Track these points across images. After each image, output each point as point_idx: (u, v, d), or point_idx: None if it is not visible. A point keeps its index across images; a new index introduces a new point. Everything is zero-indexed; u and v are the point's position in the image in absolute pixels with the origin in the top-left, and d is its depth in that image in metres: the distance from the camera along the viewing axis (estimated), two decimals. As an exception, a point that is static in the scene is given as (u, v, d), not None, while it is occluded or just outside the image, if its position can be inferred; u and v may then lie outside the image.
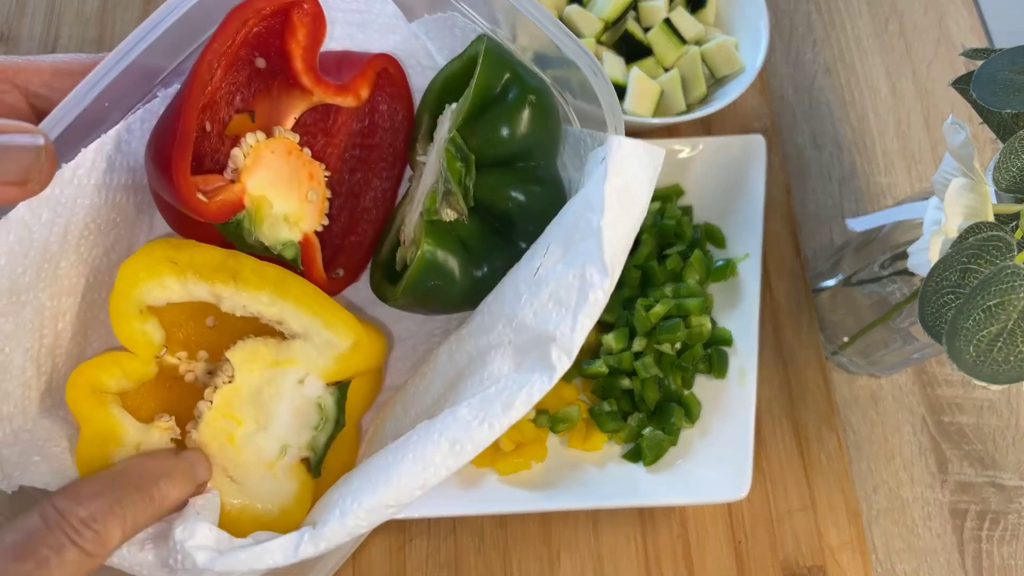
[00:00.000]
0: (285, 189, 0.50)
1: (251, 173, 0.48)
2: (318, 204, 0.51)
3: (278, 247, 0.49)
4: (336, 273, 0.55)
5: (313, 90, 0.50)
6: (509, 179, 0.51)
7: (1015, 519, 0.72)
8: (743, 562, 0.67)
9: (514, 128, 0.51)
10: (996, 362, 0.45)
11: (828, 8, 0.92)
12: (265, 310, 0.47)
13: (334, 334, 0.48)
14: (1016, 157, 0.48)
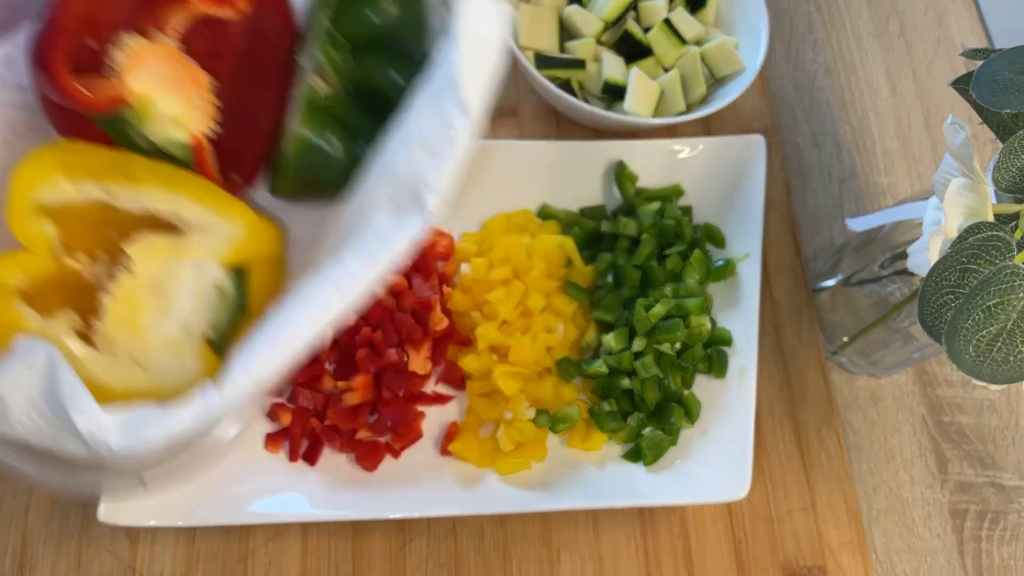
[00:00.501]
0: (169, 91, 0.52)
1: (132, 72, 0.50)
2: (205, 109, 0.53)
3: (167, 145, 0.51)
4: (232, 177, 0.57)
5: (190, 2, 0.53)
6: (384, 59, 0.55)
7: (1015, 519, 0.72)
8: (743, 562, 0.67)
9: (380, 10, 0.55)
10: (996, 362, 0.45)
11: (828, 8, 0.92)
12: (160, 205, 0.49)
13: (229, 223, 0.51)
14: (1016, 157, 0.48)
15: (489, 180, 0.73)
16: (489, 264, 0.69)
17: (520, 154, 0.73)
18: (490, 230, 0.72)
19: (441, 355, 0.68)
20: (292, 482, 0.62)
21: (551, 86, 0.72)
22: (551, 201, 0.74)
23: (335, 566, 0.63)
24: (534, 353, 0.66)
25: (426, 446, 0.66)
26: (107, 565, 0.62)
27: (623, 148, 0.74)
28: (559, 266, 0.71)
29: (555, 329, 0.68)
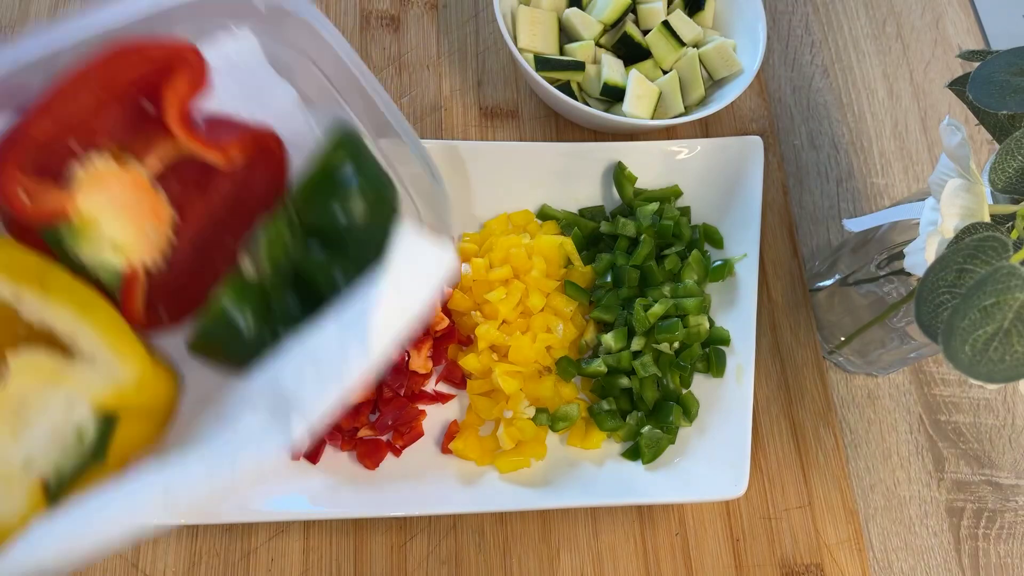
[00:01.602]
0: (120, 218, 0.50)
1: (86, 191, 0.48)
2: (156, 242, 0.51)
3: (97, 269, 0.49)
4: (159, 312, 0.54)
5: (180, 138, 0.51)
6: (334, 259, 0.52)
7: (1011, 517, 0.72)
8: (741, 560, 0.67)
9: (346, 211, 0.51)
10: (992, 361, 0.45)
11: (826, 10, 0.92)
12: (60, 325, 0.46)
13: (120, 365, 0.47)
14: (1012, 158, 0.48)
15: (489, 180, 0.73)
16: (489, 264, 0.69)
17: (520, 155, 0.74)
18: (490, 230, 0.72)
19: (442, 354, 0.68)
20: (294, 480, 0.63)
21: (550, 88, 0.72)
22: (551, 201, 0.75)
23: (336, 564, 0.64)
24: (534, 352, 0.67)
25: (427, 444, 0.66)
26: (110, 562, 0.62)
27: (622, 149, 0.74)
28: (559, 266, 0.71)
29: (555, 329, 0.68)
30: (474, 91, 0.81)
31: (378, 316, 0.45)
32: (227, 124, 0.55)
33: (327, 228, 0.52)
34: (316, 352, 0.46)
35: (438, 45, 0.83)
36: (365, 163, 0.53)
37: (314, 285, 0.51)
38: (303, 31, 0.52)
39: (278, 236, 0.51)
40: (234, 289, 0.51)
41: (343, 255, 0.52)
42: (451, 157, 0.73)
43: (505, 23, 0.74)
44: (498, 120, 0.80)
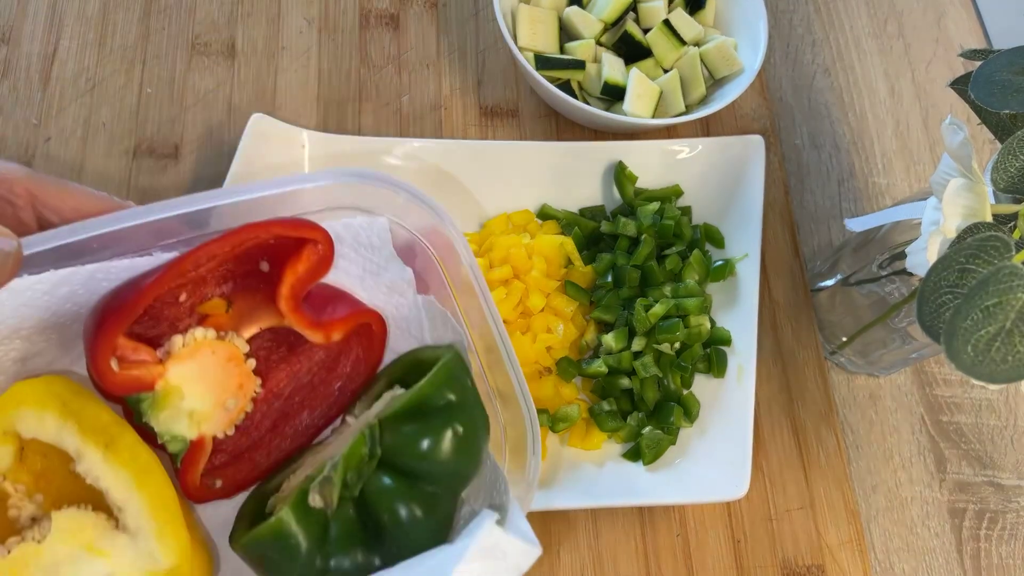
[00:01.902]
0: (205, 389, 0.49)
1: (179, 363, 0.47)
2: (233, 414, 0.50)
3: (167, 437, 0.48)
4: (213, 483, 0.53)
5: (287, 316, 0.50)
6: (403, 492, 0.50)
7: (1013, 518, 0.72)
8: (742, 561, 0.67)
9: (432, 448, 0.49)
10: (994, 362, 0.45)
11: (827, 9, 0.92)
12: (115, 491, 0.45)
13: (160, 548, 0.46)
14: (1014, 157, 0.48)
15: (489, 180, 0.73)
16: (489, 264, 0.69)
17: (520, 154, 0.73)
18: (490, 230, 0.72)
19: (441, 355, 0.68)
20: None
21: (551, 87, 0.72)
22: (551, 201, 0.74)
23: (336, 565, 0.63)
24: (534, 353, 0.67)
25: (426, 445, 0.66)
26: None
27: (622, 148, 0.74)
28: (559, 266, 0.71)
29: (555, 329, 0.68)
30: (474, 90, 0.81)
31: None
32: (338, 298, 0.54)
33: (405, 457, 0.49)
34: None
35: (438, 44, 0.82)
36: (466, 401, 0.51)
37: (376, 513, 0.49)
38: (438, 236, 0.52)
39: (355, 453, 0.49)
40: (296, 508, 0.48)
41: (414, 490, 0.50)
42: (451, 157, 0.73)
43: (505, 22, 0.74)
44: (498, 119, 0.80)
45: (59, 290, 0.45)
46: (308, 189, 0.49)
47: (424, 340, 0.56)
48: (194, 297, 0.50)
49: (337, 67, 0.80)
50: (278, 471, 0.54)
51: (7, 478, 0.46)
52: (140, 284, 0.45)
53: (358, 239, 0.52)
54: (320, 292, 0.53)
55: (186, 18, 0.81)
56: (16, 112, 0.75)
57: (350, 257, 0.53)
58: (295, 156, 0.71)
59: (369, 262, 0.54)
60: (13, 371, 0.48)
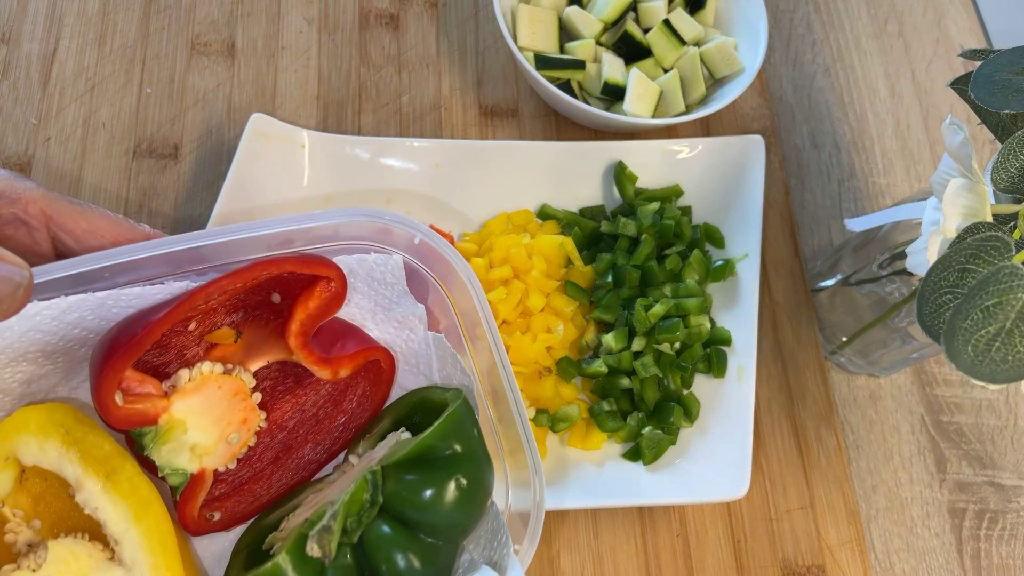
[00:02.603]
0: (209, 423, 0.49)
1: (185, 397, 0.47)
2: (235, 448, 0.50)
3: (167, 471, 0.48)
4: (211, 515, 0.52)
5: (295, 352, 0.50)
6: (402, 542, 0.49)
7: (1013, 518, 0.72)
8: (742, 561, 0.67)
9: (434, 499, 0.48)
10: (994, 362, 0.45)
11: (827, 9, 0.92)
12: (113, 523, 0.45)
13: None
14: (1014, 157, 0.48)
15: (489, 180, 0.73)
16: (489, 264, 0.69)
17: (520, 154, 0.73)
18: (490, 230, 0.72)
19: (441, 355, 0.68)
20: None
21: (551, 87, 0.72)
22: (551, 201, 0.74)
23: (336, 565, 0.63)
24: (534, 353, 0.67)
25: (426, 445, 0.66)
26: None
27: (622, 148, 0.74)
28: (559, 266, 0.71)
29: (555, 329, 0.68)
30: (474, 90, 0.81)
31: None
32: (348, 333, 0.54)
33: (406, 505, 0.49)
34: None
35: (438, 44, 0.82)
36: (472, 451, 0.50)
37: (374, 561, 0.48)
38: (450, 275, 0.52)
39: (356, 499, 0.48)
40: (295, 556, 0.47)
41: (414, 540, 0.49)
42: (451, 156, 0.73)
43: (505, 21, 0.74)
44: (498, 119, 0.80)
45: (68, 316, 0.45)
46: (323, 225, 0.49)
47: (432, 378, 0.56)
48: (203, 326, 0.49)
49: (337, 67, 0.80)
50: (278, 505, 0.54)
51: (6, 503, 0.46)
52: (149, 318, 0.45)
53: (372, 275, 0.52)
54: (330, 327, 0.53)
55: (186, 18, 0.81)
56: (16, 112, 0.75)
57: (363, 291, 0.53)
58: (295, 156, 0.71)
59: (382, 296, 0.54)
60: (18, 393, 0.48)
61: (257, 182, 0.69)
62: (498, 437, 0.54)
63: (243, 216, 0.68)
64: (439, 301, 0.53)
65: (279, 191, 0.70)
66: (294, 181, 0.71)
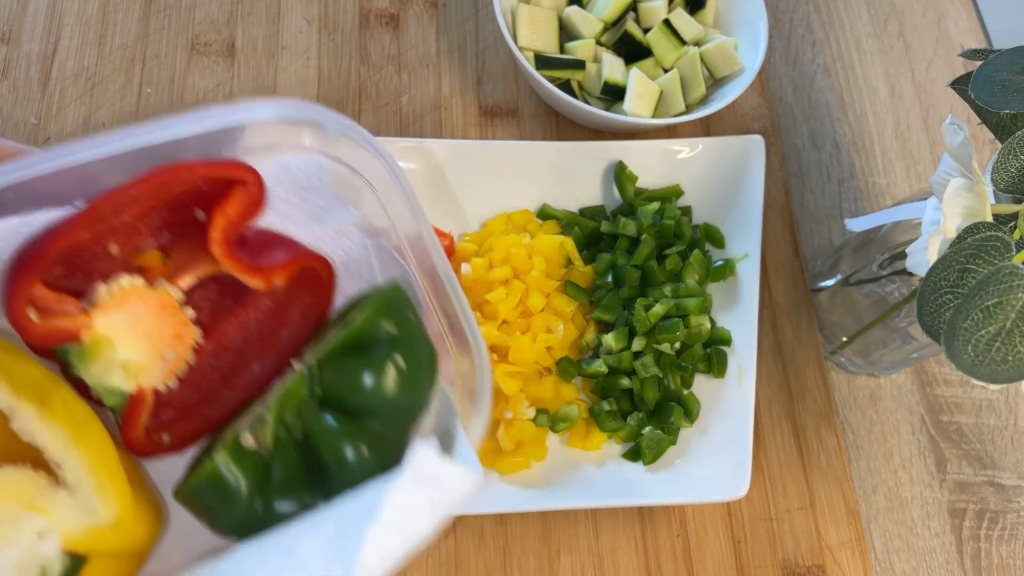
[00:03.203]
0: (138, 339, 0.48)
1: (107, 312, 0.46)
2: (172, 365, 0.49)
3: (101, 390, 0.47)
4: (161, 437, 0.52)
5: (221, 261, 0.49)
6: (348, 432, 0.48)
7: (1014, 518, 0.72)
8: (743, 561, 0.67)
9: (374, 384, 0.48)
10: (994, 362, 0.45)
11: (827, 8, 0.92)
12: (52, 450, 0.44)
13: (101, 503, 0.45)
14: (1014, 157, 0.48)
15: (489, 180, 0.73)
16: (489, 264, 0.69)
17: (520, 154, 0.73)
18: (490, 230, 0.72)
19: (441, 355, 0.67)
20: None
21: (551, 87, 0.72)
22: (551, 201, 0.74)
23: (336, 565, 0.63)
24: (534, 353, 0.67)
25: (426, 446, 0.66)
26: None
27: (623, 148, 0.74)
28: (559, 266, 0.71)
29: (555, 329, 0.68)
30: (474, 90, 0.81)
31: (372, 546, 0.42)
32: (276, 244, 0.53)
33: (348, 395, 0.48)
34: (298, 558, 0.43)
35: (438, 43, 0.82)
36: (408, 333, 0.49)
37: (320, 456, 0.48)
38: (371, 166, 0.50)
39: (293, 393, 0.48)
40: (231, 452, 0.47)
41: (359, 427, 0.49)
42: (451, 156, 0.73)
43: (505, 21, 0.74)
44: (498, 119, 0.80)
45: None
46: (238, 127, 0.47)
47: (376, 283, 0.55)
48: (127, 249, 0.48)
49: (337, 67, 0.80)
50: (229, 423, 0.53)
51: None
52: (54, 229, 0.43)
53: (297, 181, 0.51)
54: (261, 239, 0.51)
55: (186, 18, 0.81)
56: (16, 112, 0.75)
57: (292, 203, 0.51)
58: (295, 156, 0.71)
59: (313, 206, 0.52)
60: None
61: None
62: (442, 324, 0.52)
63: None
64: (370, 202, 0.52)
65: (279, 191, 0.70)
66: (294, 181, 0.70)
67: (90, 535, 0.45)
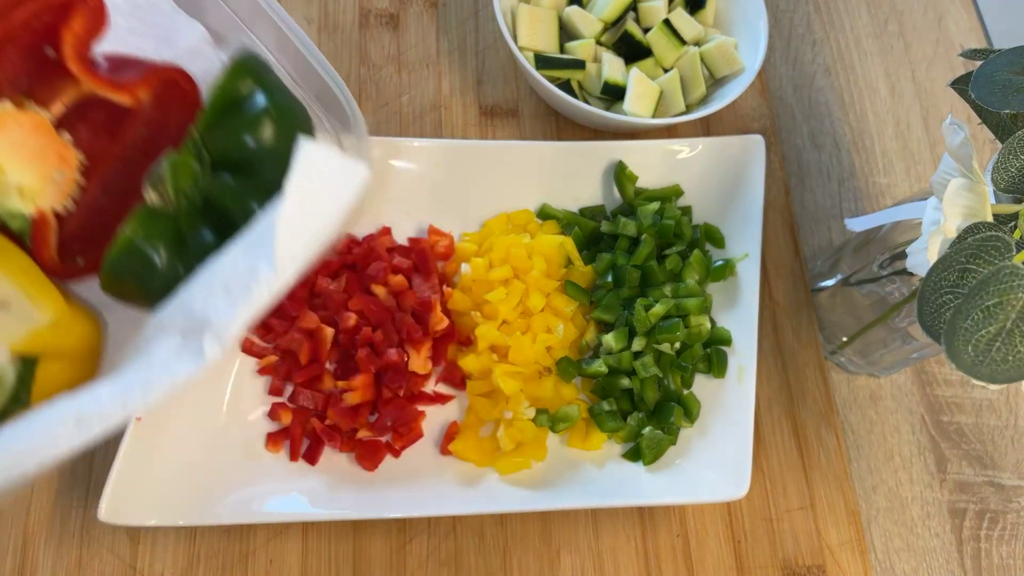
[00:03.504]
0: (24, 162, 0.50)
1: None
2: (64, 186, 0.52)
3: (3, 214, 0.50)
4: (76, 261, 0.55)
5: (81, 79, 0.52)
6: (246, 187, 0.52)
7: (1014, 518, 0.72)
8: (743, 561, 0.67)
9: (254, 137, 0.52)
10: (995, 362, 0.45)
11: (827, 8, 0.92)
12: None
13: (35, 308, 0.48)
14: (1014, 157, 0.48)
15: (489, 180, 0.73)
16: (489, 264, 0.69)
17: (520, 154, 0.73)
18: (490, 230, 0.72)
19: (441, 355, 0.68)
20: (293, 481, 0.62)
21: (551, 86, 0.72)
22: (551, 201, 0.74)
23: (335, 565, 0.64)
24: (534, 353, 0.67)
25: (426, 446, 0.66)
26: (108, 564, 0.62)
27: (623, 148, 0.74)
28: (559, 266, 0.71)
29: (555, 329, 0.68)
30: (474, 90, 0.81)
31: (284, 233, 0.46)
32: (131, 64, 0.56)
33: (236, 155, 0.52)
34: (225, 274, 0.47)
35: (438, 43, 0.82)
36: (271, 86, 0.53)
37: (228, 214, 0.52)
38: None
39: (184, 165, 0.52)
40: (141, 220, 0.51)
41: (256, 181, 0.53)
42: (451, 156, 0.73)
43: (505, 21, 0.74)
44: (498, 119, 0.80)
45: None
46: None
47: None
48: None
49: (337, 66, 0.80)
50: None
51: None
52: None
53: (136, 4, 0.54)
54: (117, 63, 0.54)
55: (186, 18, 0.81)
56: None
57: (138, 31, 0.54)
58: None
59: (159, 30, 0.56)
60: None
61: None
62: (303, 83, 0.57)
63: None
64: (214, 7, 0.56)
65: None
66: (294, 181, 0.71)
67: (33, 337, 0.48)
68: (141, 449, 0.59)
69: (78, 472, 0.64)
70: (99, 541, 0.62)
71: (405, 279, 0.68)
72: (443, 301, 0.68)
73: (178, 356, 0.45)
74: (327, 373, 0.66)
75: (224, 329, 0.45)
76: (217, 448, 0.62)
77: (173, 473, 0.60)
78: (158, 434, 0.60)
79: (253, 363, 0.66)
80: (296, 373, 0.65)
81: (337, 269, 0.68)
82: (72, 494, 0.63)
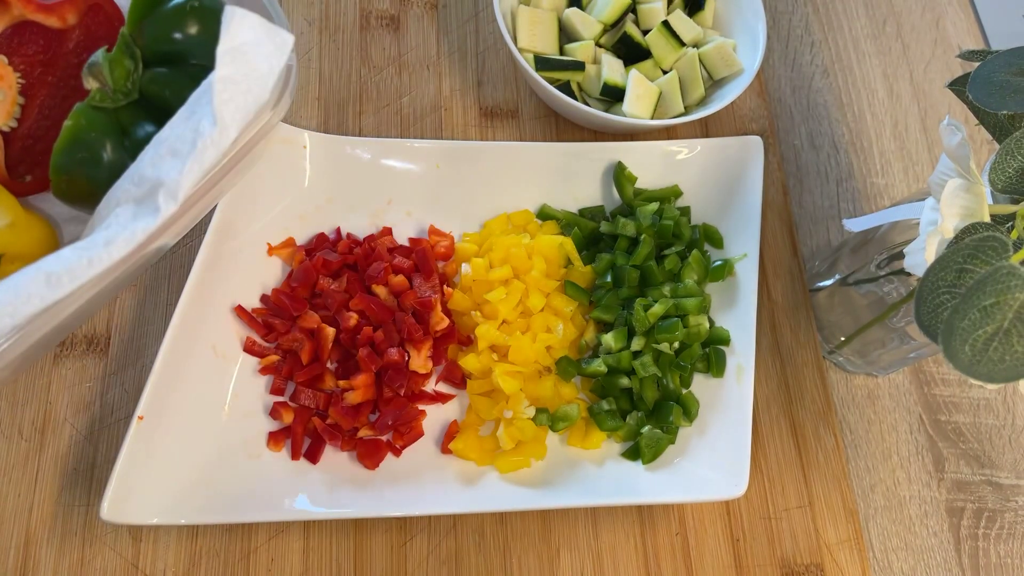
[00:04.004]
0: None
1: None
2: (6, 105, 0.56)
3: None
4: (24, 178, 0.59)
5: (13, 3, 0.56)
6: (180, 76, 0.56)
7: (1011, 517, 0.72)
8: (741, 560, 0.67)
9: (179, 28, 0.56)
10: (992, 361, 0.45)
11: (826, 10, 0.92)
12: None
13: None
14: (1012, 158, 0.48)
15: (489, 181, 0.73)
16: (489, 264, 0.69)
17: (520, 155, 0.74)
18: (490, 230, 0.72)
19: (442, 354, 0.68)
20: (294, 480, 0.63)
21: (550, 88, 0.72)
22: (551, 201, 0.75)
23: (336, 564, 0.64)
24: (534, 352, 0.67)
25: (427, 445, 0.66)
26: (110, 563, 0.62)
27: (622, 149, 0.74)
28: (558, 266, 0.71)
29: (555, 329, 0.68)
30: (474, 91, 0.81)
31: (221, 91, 0.49)
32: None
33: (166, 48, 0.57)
34: (169, 140, 0.50)
35: (438, 45, 0.83)
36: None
37: (166, 106, 0.55)
38: None
39: (118, 61, 0.55)
40: (83, 113, 0.55)
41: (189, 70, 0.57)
42: (451, 157, 0.73)
43: (505, 23, 0.74)
44: (498, 120, 0.80)
45: None
46: None
47: None
48: None
49: (338, 68, 0.80)
50: None
51: None
52: None
53: None
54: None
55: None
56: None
57: None
58: (296, 157, 0.71)
59: None
60: None
61: (258, 183, 0.69)
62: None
63: (247, 218, 0.68)
64: None
65: (280, 192, 0.70)
66: (295, 182, 0.71)
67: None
68: (143, 448, 0.59)
69: (80, 471, 0.64)
70: (101, 540, 0.63)
71: (406, 279, 0.68)
72: (443, 301, 0.68)
73: (135, 217, 0.48)
74: (328, 372, 0.66)
75: (176, 184, 0.48)
76: (219, 447, 0.63)
77: (175, 472, 0.60)
78: (160, 433, 0.60)
79: (255, 363, 0.66)
80: (297, 372, 0.65)
81: (338, 269, 0.69)
82: (74, 493, 0.63)
